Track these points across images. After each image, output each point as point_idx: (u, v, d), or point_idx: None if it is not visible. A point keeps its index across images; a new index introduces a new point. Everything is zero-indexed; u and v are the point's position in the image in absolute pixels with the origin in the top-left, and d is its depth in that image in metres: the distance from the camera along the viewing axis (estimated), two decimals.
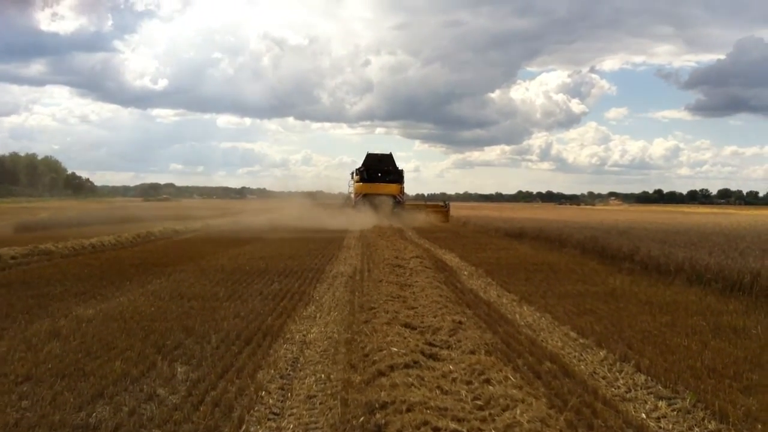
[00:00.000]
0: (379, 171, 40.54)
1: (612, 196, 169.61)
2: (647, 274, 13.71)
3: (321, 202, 43.66)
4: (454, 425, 4.32)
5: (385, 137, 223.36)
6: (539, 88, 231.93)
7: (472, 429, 4.32)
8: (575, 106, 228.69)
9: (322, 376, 6.27)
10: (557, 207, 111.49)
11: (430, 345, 6.61)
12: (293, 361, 6.78)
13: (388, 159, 41.84)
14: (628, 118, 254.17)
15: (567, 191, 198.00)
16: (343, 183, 46.31)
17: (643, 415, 5.30)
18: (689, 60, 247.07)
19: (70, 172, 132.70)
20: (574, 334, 8.12)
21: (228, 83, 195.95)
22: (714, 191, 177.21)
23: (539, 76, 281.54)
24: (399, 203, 39.80)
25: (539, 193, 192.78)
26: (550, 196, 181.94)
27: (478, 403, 4.84)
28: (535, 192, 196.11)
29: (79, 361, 6.42)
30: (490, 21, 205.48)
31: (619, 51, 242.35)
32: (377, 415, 4.56)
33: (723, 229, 25.25)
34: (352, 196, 41.69)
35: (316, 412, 5.31)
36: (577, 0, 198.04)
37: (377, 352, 6.20)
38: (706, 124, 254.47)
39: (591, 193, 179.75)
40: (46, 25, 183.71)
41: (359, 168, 40.89)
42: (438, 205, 43.07)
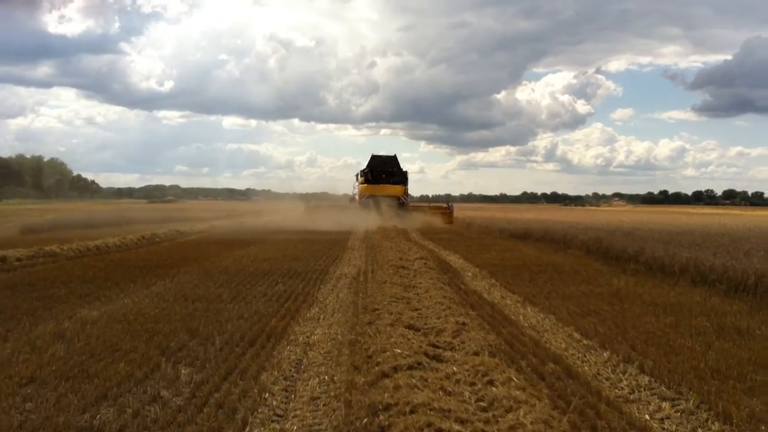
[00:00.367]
0: (383, 173, 40.67)
1: (615, 197, 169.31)
2: (651, 275, 13.68)
3: (325, 203, 43.74)
4: (457, 427, 4.32)
5: (390, 138, 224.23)
6: (545, 89, 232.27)
7: (475, 430, 4.33)
8: (581, 106, 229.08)
9: (326, 377, 6.27)
10: (562, 208, 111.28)
11: (434, 346, 6.60)
12: (297, 363, 6.78)
13: (393, 161, 42.02)
14: (633, 118, 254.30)
15: (572, 192, 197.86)
16: (348, 184, 46.31)
17: (647, 417, 5.29)
18: (696, 61, 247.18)
19: (76, 173, 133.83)
20: (577, 336, 8.10)
21: (234, 85, 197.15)
22: (719, 192, 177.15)
23: (545, 77, 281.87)
24: (403, 204, 39.90)
25: (544, 194, 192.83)
26: (555, 197, 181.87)
27: (482, 404, 4.85)
28: (539, 193, 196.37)
29: (83, 362, 6.44)
30: (495, 22, 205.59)
31: (626, 52, 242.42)
32: (381, 417, 4.57)
33: (728, 230, 25.16)
34: (356, 197, 41.85)
35: (319, 413, 5.31)
36: (583, 1, 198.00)
37: (381, 354, 6.21)
38: (712, 125, 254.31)
39: (596, 194, 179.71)
40: (53, 28, 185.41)
41: (364, 169, 41.13)
42: (441, 207, 43.11)
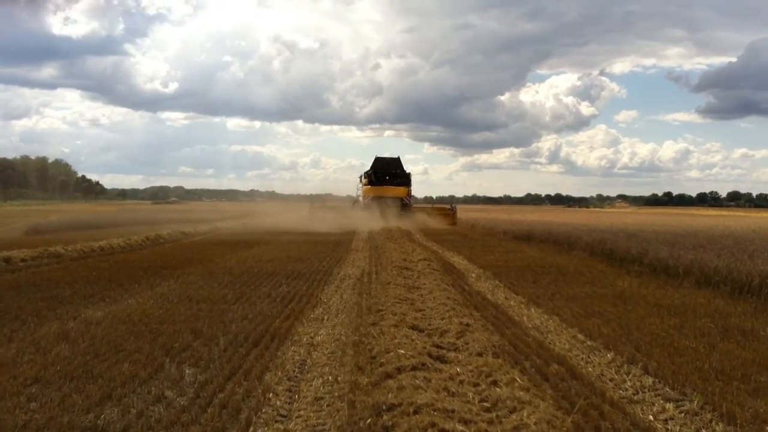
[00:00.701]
0: (387, 174, 40.80)
1: (619, 199, 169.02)
2: (656, 276, 13.66)
3: (329, 204, 43.82)
4: (461, 427, 4.32)
5: (394, 140, 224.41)
6: (549, 90, 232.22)
7: (479, 431, 4.32)
8: (585, 108, 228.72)
9: (330, 378, 6.27)
10: (566, 210, 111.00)
11: (438, 347, 6.60)
12: (301, 363, 6.79)
13: (396, 163, 42.16)
14: (637, 120, 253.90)
15: (576, 194, 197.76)
16: (352, 186, 46.53)
17: (651, 417, 5.28)
18: (700, 63, 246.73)
19: (81, 175, 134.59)
20: (581, 337, 8.09)
21: (238, 86, 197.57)
22: (723, 194, 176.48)
23: (549, 79, 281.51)
24: (406, 206, 39.99)
25: (548, 196, 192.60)
26: (559, 199, 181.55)
27: (486, 405, 4.85)
28: (543, 195, 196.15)
29: (87, 363, 6.46)
30: (499, 24, 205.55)
31: (630, 54, 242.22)
32: (384, 417, 4.57)
33: (732, 232, 25.11)
34: (360, 198, 41.94)
35: (323, 414, 5.31)
36: (587, 3, 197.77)
37: (385, 354, 6.21)
38: (717, 127, 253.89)
39: (600, 196, 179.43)
40: (58, 29, 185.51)
41: (368, 171, 41.30)
42: (444, 208, 43.15)
